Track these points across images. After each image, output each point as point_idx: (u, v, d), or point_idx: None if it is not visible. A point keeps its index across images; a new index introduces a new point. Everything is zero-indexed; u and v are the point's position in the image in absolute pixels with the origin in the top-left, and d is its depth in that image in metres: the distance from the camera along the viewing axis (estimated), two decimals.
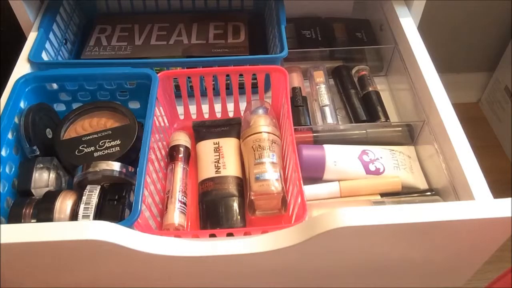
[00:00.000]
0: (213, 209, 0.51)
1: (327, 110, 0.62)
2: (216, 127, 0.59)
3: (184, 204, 0.52)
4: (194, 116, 0.62)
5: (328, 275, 0.48)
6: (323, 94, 0.64)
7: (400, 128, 0.61)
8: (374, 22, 0.77)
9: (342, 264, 0.46)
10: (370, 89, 0.65)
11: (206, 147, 0.57)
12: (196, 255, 0.40)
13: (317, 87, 0.65)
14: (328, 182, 0.56)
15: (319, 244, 0.40)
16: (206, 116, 0.62)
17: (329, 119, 0.62)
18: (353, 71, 0.69)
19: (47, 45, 0.63)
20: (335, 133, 0.60)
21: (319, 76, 0.66)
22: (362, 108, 0.64)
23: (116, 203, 0.46)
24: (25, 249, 0.39)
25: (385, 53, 0.70)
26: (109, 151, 0.51)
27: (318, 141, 0.59)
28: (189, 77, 0.58)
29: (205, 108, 0.61)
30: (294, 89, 0.65)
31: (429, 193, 0.55)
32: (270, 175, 0.50)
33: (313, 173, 0.56)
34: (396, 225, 0.38)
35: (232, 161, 0.55)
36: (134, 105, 0.59)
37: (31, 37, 0.62)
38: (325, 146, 0.57)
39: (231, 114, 0.62)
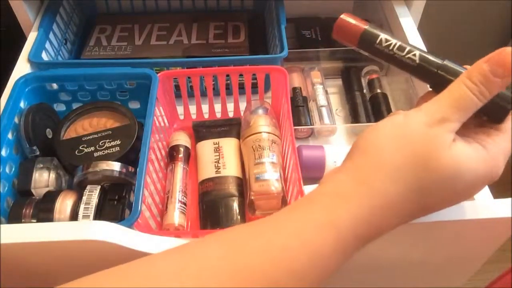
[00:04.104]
0: (213, 209, 0.51)
1: (324, 110, 0.63)
2: (216, 127, 0.59)
3: (184, 204, 0.52)
4: (194, 116, 0.62)
5: None
6: (320, 95, 0.64)
7: None
8: (374, 22, 0.77)
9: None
10: (378, 91, 0.65)
11: (206, 147, 0.57)
12: None
13: (314, 87, 0.65)
14: None
15: None
16: (206, 116, 0.62)
17: (326, 120, 0.62)
18: (363, 71, 0.69)
19: (47, 45, 0.63)
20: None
21: (316, 77, 0.66)
22: (365, 109, 0.64)
23: (116, 203, 0.46)
24: (25, 249, 0.39)
25: None
26: (109, 151, 0.51)
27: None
28: (189, 77, 0.58)
29: (205, 108, 0.61)
30: (294, 89, 0.65)
31: None
32: (270, 175, 0.50)
33: (313, 173, 0.56)
34: None
35: (232, 161, 0.55)
36: (134, 105, 0.59)
37: (31, 37, 0.62)
38: (325, 146, 0.57)
39: (231, 114, 0.62)
